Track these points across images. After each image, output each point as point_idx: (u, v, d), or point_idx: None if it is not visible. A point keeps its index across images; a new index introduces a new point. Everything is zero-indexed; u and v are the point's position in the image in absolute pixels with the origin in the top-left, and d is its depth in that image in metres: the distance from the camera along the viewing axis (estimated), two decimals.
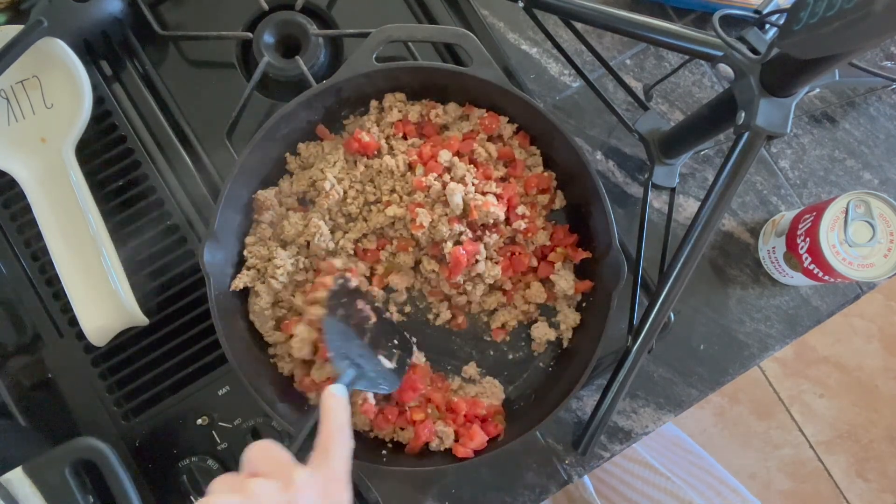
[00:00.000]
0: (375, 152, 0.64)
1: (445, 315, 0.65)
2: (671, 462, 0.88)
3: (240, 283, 0.61)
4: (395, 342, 0.62)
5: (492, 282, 0.63)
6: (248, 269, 0.62)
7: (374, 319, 0.61)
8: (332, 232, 0.64)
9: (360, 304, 0.61)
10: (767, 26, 0.53)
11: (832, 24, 0.36)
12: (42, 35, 0.62)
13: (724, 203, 0.53)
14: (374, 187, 0.64)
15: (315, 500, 0.40)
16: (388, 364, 0.59)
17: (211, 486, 0.41)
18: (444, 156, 0.63)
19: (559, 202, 0.66)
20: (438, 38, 0.62)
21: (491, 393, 0.64)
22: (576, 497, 0.88)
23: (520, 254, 0.64)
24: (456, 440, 0.61)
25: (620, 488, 0.89)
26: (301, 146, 0.65)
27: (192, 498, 0.61)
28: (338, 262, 0.62)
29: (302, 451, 0.46)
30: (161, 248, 0.66)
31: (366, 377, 0.56)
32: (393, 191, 0.64)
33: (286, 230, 0.62)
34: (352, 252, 0.64)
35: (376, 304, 0.63)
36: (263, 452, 0.42)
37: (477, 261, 0.62)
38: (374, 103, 0.65)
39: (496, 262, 0.63)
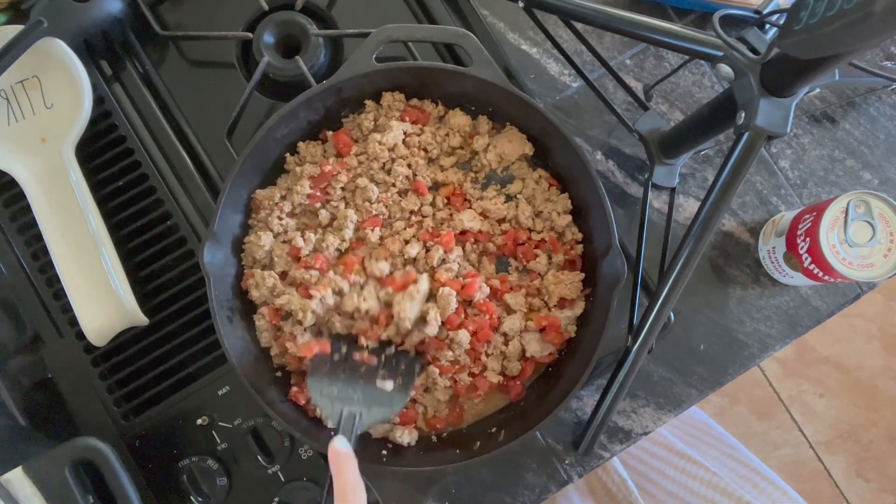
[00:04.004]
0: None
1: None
2: (703, 453, 0.86)
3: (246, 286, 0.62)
4: (401, 366, 0.60)
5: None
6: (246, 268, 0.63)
7: (373, 363, 0.60)
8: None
9: (357, 355, 0.60)
10: (767, 26, 0.53)
11: (832, 24, 0.36)
12: (42, 35, 0.62)
13: (724, 203, 0.53)
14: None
15: None
16: (389, 387, 0.58)
17: None
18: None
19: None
20: (438, 38, 0.61)
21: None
22: (619, 499, 0.86)
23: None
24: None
25: (660, 481, 0.86)
26: (301, 146, 0.65)
27: (192, 498, 0.61)
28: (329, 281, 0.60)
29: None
30: (161, 248, 0.66)
31: (370, 415, 0.55)
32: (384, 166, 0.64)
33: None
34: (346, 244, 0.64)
35: (373, 346, 0.61)
36: None
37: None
38: (370, 104, 0.65)
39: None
